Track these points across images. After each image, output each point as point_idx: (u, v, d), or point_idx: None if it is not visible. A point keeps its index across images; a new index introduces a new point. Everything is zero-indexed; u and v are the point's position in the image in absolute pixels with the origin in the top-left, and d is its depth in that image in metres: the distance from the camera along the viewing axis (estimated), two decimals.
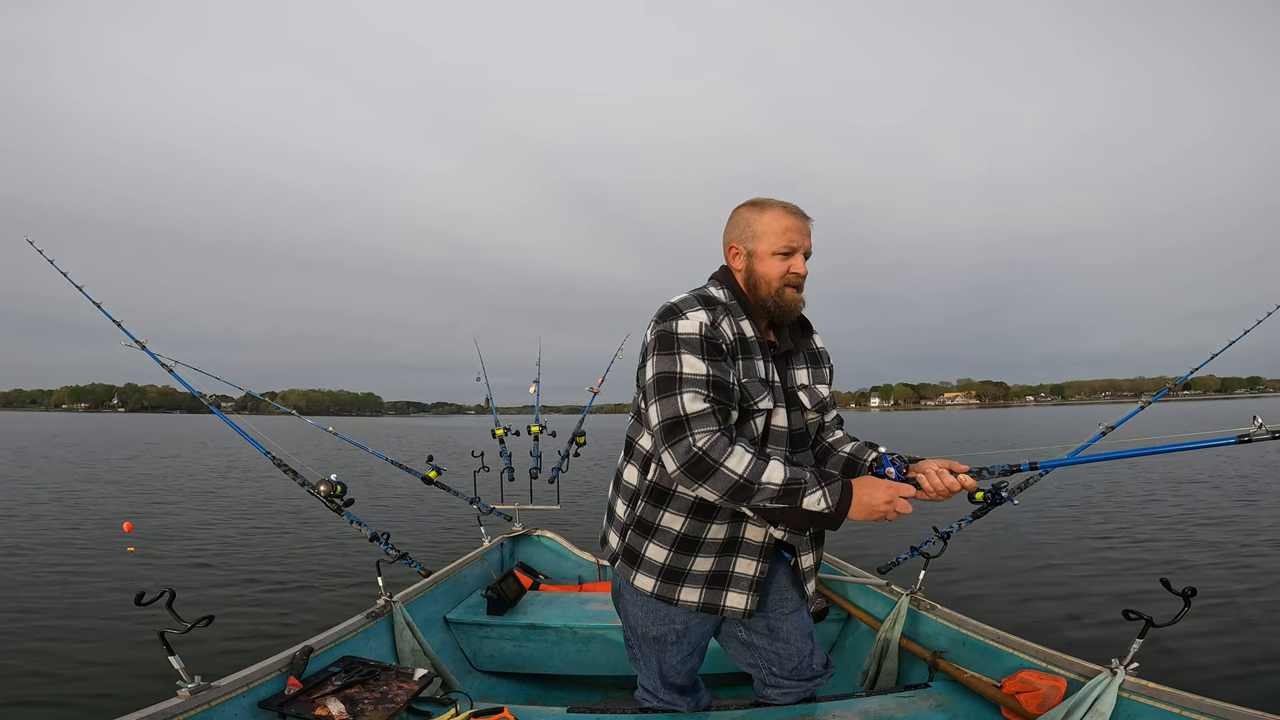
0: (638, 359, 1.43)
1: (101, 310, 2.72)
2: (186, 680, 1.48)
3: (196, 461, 13.46)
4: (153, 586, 1.48)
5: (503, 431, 3.66)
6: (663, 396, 1.28)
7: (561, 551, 3.44)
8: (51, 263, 2.73)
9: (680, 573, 1.44)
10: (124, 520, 6.71)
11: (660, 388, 1.29)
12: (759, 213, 1.46)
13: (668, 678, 1.63)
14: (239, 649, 3.43)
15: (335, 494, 2.47)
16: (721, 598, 1.46)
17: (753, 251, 1.45)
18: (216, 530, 6.61)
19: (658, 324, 1.35)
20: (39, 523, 6.71)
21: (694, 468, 1.24)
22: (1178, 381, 2.82)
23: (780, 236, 1.43)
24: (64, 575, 4.81)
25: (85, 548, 5.69)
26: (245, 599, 4.37)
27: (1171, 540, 6.28)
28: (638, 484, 1.47)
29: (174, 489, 9.49)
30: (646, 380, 1.33)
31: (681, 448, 1.24)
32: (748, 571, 1.46)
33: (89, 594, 4.37)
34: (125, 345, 2.72)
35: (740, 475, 1.23)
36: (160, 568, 5.16)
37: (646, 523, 1.45)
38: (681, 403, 1.26)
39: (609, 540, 1.56)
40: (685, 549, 1.43)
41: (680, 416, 1.26)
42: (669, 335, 1.32)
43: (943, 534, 2.44)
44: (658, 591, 1.46)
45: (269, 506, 8.09)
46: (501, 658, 2.59)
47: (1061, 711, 1.62)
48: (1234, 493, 9.07)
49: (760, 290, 1.45)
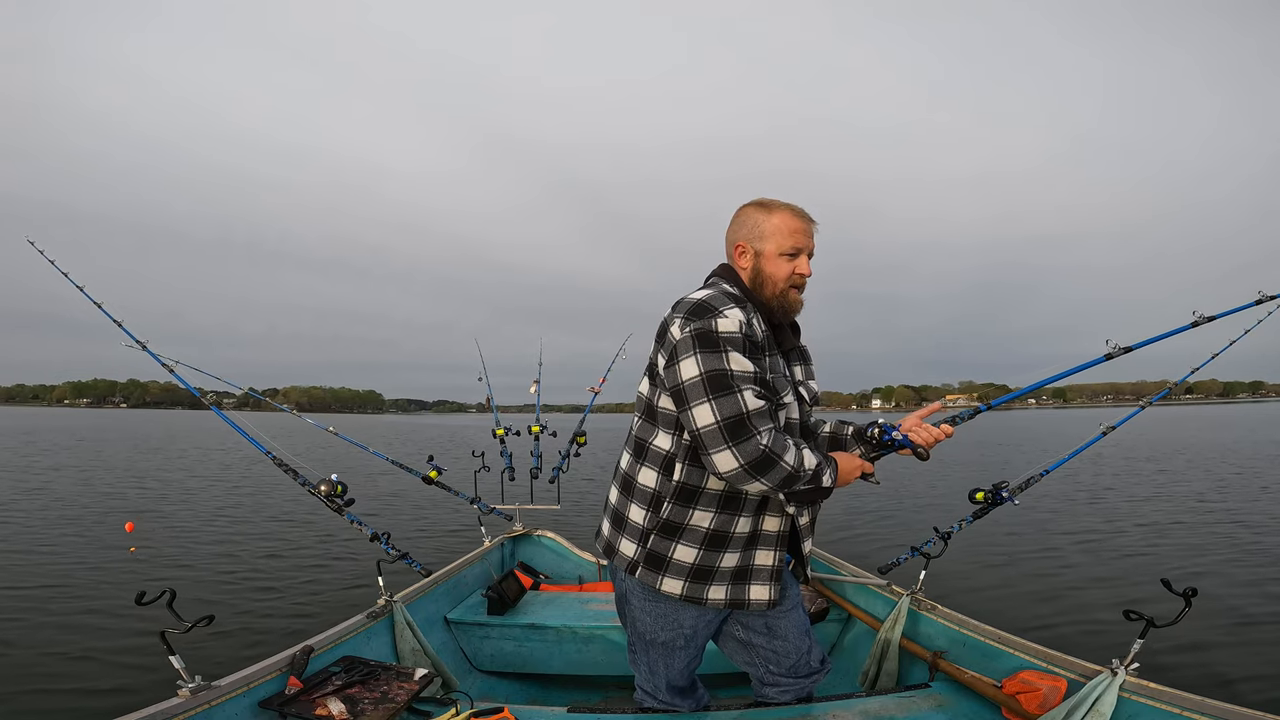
0: (658, 356, 1.40)
1: (102, 310, 2.73)
2: (187, 680, 1.48)
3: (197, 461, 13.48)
4: (153, 586, 1.48)
5: (503, 431, 3.67)
6: (720, 394, 1.27)
7: (562, 551, 3.44)
8: (53, 263, 2.74)
9: (710, 570, 1.44)
10: (126, 520, 6.71)
11: (715, 385, 1.28)
12: (767, 214, 1.47)
13: (672, 681, 1.63)
14: (239, 649, 3.44)
15: (336, 494, 2.47)
16: (746, 591, 1.47)
17: (760, 251, 1.46)
18: (217, 530, 6.61)
19: (693, 321, 1.31)
20: (38, 523, 6.72)
21: (760, 465, 1.27)
22: (1177, 383, 2.83)
23: (788, 238, 1.44)
24: (64, 575, 4.81)
25: (85, 547, 5.69)
26: (246, 599, 4.37)
27: (1171, 540, 6.28)
28: (659, 487, 1.44)
29: (174, 489, 9.50)
30: (687, 379, 1.30)
31: (750, 446, 1.26)
32: (767, 562, 1.48)
33: (89, 594, 4.37)
34: (125, 346, 2.73)
35: (793, 466, 1.29)
36: (161, 568, 5.17)
37: (674, 524, 1.42)
38: (744, 400, 1.27)
39: (620, 549, 1.51)
40: (715, 545, 1.43)
41: (743, 414, 1.26)
42: (710, 333, 1.30)
43: (943, 534, 2.44)
44: (686, 593, 1.44)
45: (269, 506, 8.10)
46: (502, 658, 2.59)
47: (1062, 712, 1.62)
48: (1236, 492, 9.06)
49: (765, 290, 1.46)
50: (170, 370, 2.84)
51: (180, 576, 4.88)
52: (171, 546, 5.84)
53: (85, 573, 4.90)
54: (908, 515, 7.86)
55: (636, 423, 1.50)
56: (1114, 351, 1.81)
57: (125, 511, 7.43)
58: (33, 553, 5.48)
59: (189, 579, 4.80)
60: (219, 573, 5.00)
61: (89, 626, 3.75)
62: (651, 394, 1.44)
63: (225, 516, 7.40)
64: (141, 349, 2.73)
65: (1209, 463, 12.75)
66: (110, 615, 3.93)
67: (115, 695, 2.93)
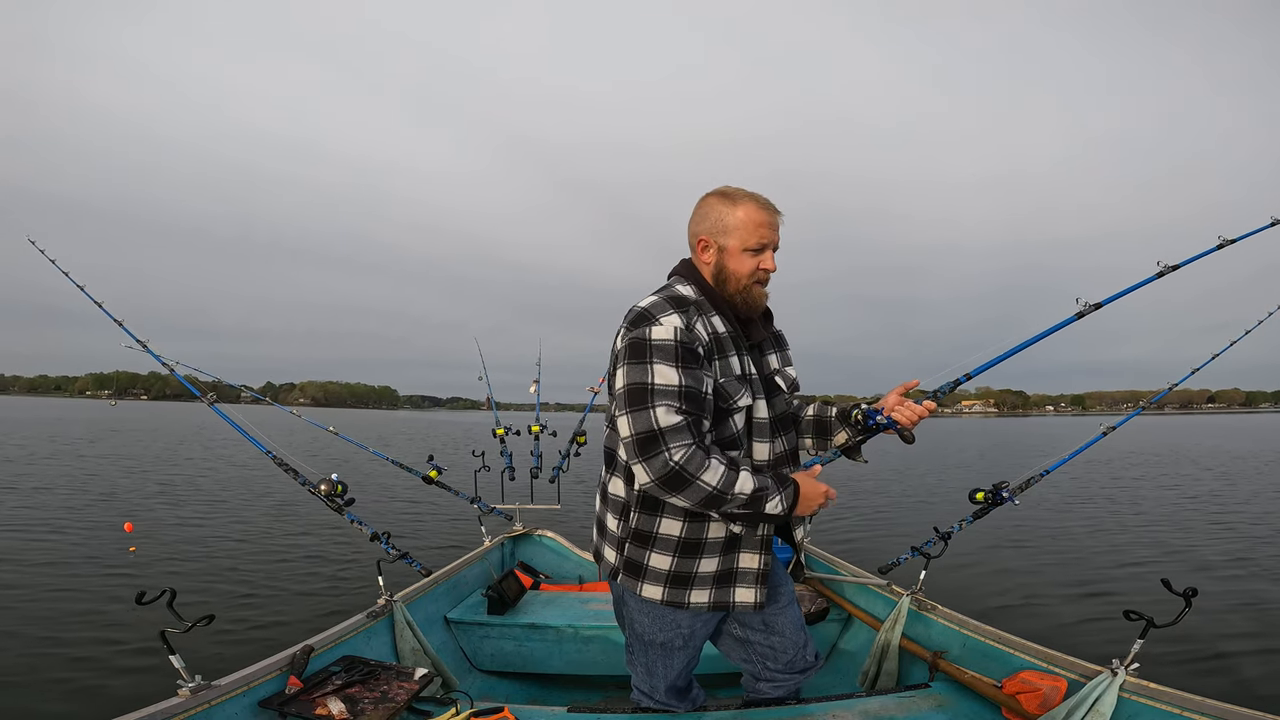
0: (610, 367, 1.39)
1: (103, 310, 2.73)
2: (187, 679, 1.48)
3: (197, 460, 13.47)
4: (153, 586, 1.48)
5: (503, 431, 3.67)
6: (634, 409, 1.26)
7: (562, 551, 3.44)
8: (53, 262, 2.75)
9: (687, 577, 1.43)
10: (124, 520, 6.71)
11: (632, 399, 1.27)
12: (731, 206, 1.41)
13: (670, 681, 1.62)
14: (240, 648, 3.44)
15: (336, 493, 2.47)
16: (730, 594, 1.46)
17: (724, 247, 1.41)
18: (217, 529, 6.61)
19: (629, 331, 1.32)
20: (38, 522, 6.72)
21: (670, 481, 1.25)
22: (1176, 384, 2.85)
23: (753, 233, 1.39)
24: (64, 575, 4.81)
25: (85, 547, 5.69)
26: (246, 598, 4.37)
27: (1172, 540, 6.28)
28: (626, 495, 1.44)
29: (174, 487, 9.50)
30: (617, 389, 1.31)
31: (658, 462, 1.24)
32: (752, 565, 1.46)
33: (89, 594, 4.37)
34: (126, 346, 2.73)
35: (714, 487, 1.26)
36: (161, 567, 5.17)
37: (644, 533, 1.42)
38: (655, 416, 1.25)
39: (604, 555, 1.52)
40: (689, 553, 1.42)
41: (654, 430, 1.25)
42: (641, 343, 1.29)
43: (943, 534, 2.44)
44: (667, 598, 1.44)
45: (269, 505, 8.09)
46: (502, 657, 2.59)
47: (1062, 712, 1.62)
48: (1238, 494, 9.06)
49: (729, 286, 1.42)
50: (171, 370, 2.86)
51: (180, 576, 4.89)
52: (172, 546, 5.84)
53: (85, 572, 4.89)
54: (908, 515, 7.86)
55: (605, 433, 1.50)
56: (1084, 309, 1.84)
57: (125, 512, 7.43)
58: (33, 552, 5.48)
59: (189, 578, 4.80)
60: (219, 572, 5.00)
61: (89, 626, 3.75)
62: (610, 405, 1.42)
63: (226, 515, 7.40)
64: (143, 349, 2.74)
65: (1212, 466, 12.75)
66: (110, 615, 3.93)
67: (115, 695, 2.93)
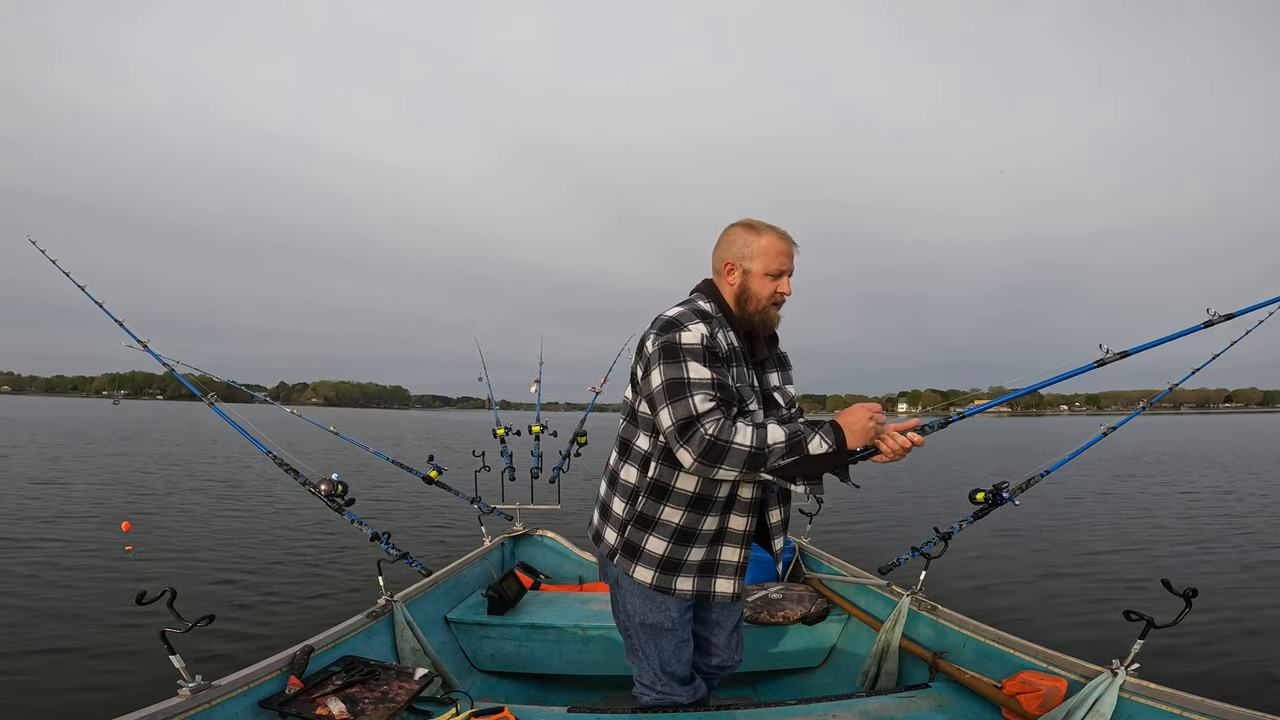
0: (637, 367, 1.57)
1: (104, 310, 2.73)
2: (187, 679, 1.48)
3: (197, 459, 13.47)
4: (153, 586, 1.48)
5: (503, 431, 3.67)
6: (675, 400, 1.41)
7: (562, 551, 3.44)
8: (54, 263, 2.75)
9: (678, 563, 1.57)
10: (122, 519, 6.71)
11: (671, 392, 1.42)
12: (756, 235, 1.60)
13: (667, 665, 1.67)
14: (240, 648, 3.44)
15: (336, 493, 2.47)
16: (712, 584, 1.60)
17: (748, 270, 1.59)
18: (217, 529, 6.61)
19: (660, 336, 1.48)
20: (37, 522, 6.72)
21: (709, 452, 1.36)
22: (1176, 384, 2.83)
23: (775, 259, 1.58)
24: (64, 575, 4.81)
25: (84, 547, 5.69)
26: (246, 598, 4.37)
27: (1173, 541, 6.28)
28: (637, 482, 1.59)
29: (175, 487, 9.50)
30: (654, 387, 1.46)
31: (695, 439, 1.37)
32: (732, 558, 1.61)
33: (89, 593, 4.37)
34: (126, 346, 2.74)
35: (751, 445, 1.36)
36: (160, 567, 5.17)
37: (647, 517, 1.57)
38: (693, 404, 1.39)
39: (604, 536, 1.67)
40: (683, 540, 1.56)
41: (692, 415, 1.39)
42: (674, 345, 1.45)
43: (944, 535, 2.44)
44: (656, 583, 1.58)
45: (269, 505, 8.10)
46: (502, 657, 2.59)
47: (1062, 712, 1.62)
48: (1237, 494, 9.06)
49: (749, 306, 1.60)
50: (170, 369, 2.86)
51: (180, 576, 4.89)
52: (172, 546, 5.84)
53: (84, 573, 4.90)
54: (908, 515, 7.86)
55: (622, 424, 1.65)
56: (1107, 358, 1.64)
57: (125, 511, 7.43)
58: (32, 552, 5.48)
59: (189, 578, 4.81)
60: (219, 572, 5.01)
61: (89, 626, 3.76)
62: (634, 400, 1.59)
63: (226, 515, 7.40)
64: (144, 349, 2.74)
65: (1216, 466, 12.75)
66: (110, 615, 3.93)
67: (115, 695, 2.93)
